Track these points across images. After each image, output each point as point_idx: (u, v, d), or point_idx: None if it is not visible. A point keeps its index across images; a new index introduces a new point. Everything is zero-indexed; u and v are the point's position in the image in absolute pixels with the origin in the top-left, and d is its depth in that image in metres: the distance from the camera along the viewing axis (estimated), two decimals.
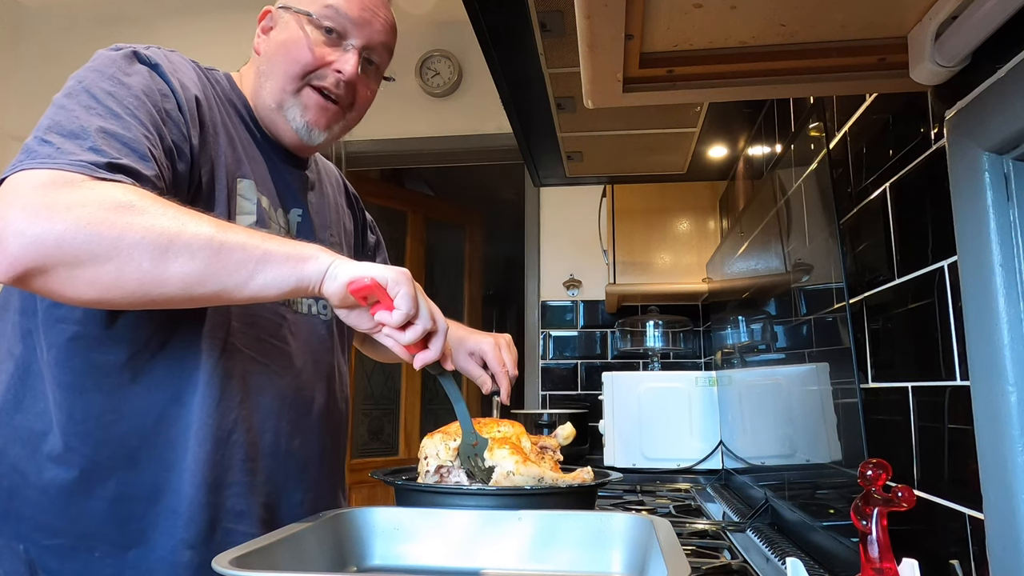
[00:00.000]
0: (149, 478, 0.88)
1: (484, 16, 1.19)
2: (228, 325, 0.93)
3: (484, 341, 1.18)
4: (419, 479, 0.96)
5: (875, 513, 0.61)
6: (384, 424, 3.76)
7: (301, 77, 0.98)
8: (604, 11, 0.64)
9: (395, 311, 0.80)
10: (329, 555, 0.75)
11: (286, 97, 0.99)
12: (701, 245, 2.55)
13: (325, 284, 0.79)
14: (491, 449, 0.90)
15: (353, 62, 0.99)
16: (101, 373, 0.87)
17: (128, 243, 0.72)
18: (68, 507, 0.86)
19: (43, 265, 0.71)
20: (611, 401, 2.30)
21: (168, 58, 0.93)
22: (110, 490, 0.86)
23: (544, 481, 0.88)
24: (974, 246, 0.66)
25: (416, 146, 3.18)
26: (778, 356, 1.40)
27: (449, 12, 3.11)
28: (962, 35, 0.65)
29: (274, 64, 0.99)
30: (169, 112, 0.88)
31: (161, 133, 0.86)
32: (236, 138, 0.99)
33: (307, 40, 0.98)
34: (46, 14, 3.37)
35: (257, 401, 0.96)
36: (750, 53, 0.76)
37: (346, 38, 0.99)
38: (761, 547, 1.21)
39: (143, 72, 0.88)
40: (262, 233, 0.82)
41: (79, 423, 0.86)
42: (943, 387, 0.76)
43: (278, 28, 1.01)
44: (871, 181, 0.94)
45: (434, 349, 0.85)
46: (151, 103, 0.86)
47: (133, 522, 0.87)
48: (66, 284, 0.73)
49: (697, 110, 1.59)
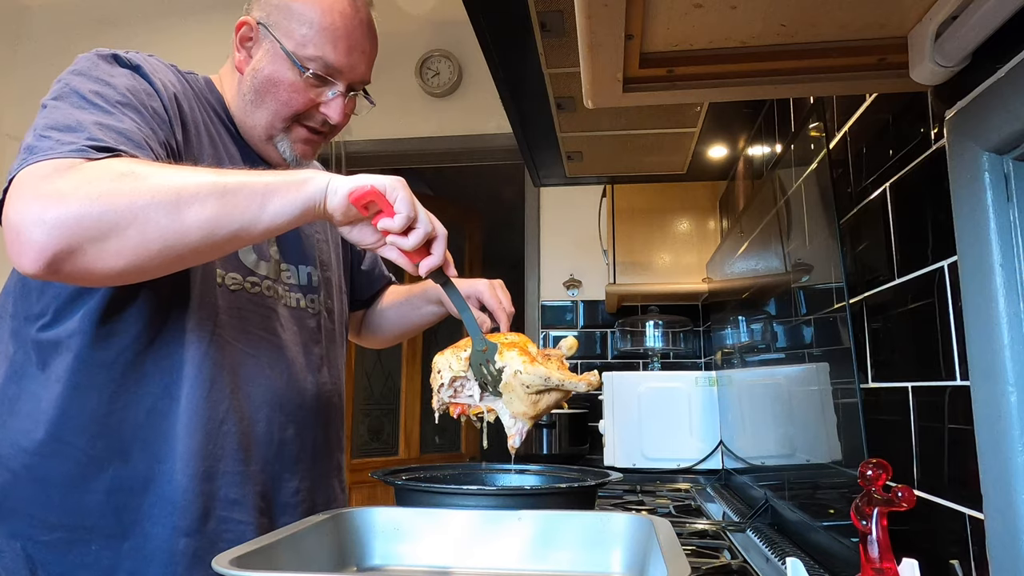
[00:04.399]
0: (142, 470, 0.90)
1: (484, 16, 1.19)
2: (216, 318, 0.95)
3: (478, 283, 1.20)
4: (434, 397, 0.98)
5: (875, 513, 0.61)
6: (384, 424, 3.76)
7: (290, 118, 1.02)
8: (604, 11, 0.64)
9: (396, 215, 0.82)
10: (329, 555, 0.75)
11: (276, 132, 1.03)
12: (701, 245, 2.55)
13: (328, 200, 0.81)
14: (500, 352, 0.92)
15: (340, 110, 1.03)
16: (94, 370, 0.89)
17: (141, 205, 0.74)
18: (64, 502, 0.88)
19: (69, 246, 0.73)
20: (611, 401, 2.30)
21: (147, 61, 0.96)
22: (104, 483, 0.88)
23: (551, 380, 0.91)
24: (974, 246, 0.66)
25: (416, 146, 3.18)
26: (778, 356, 1.40)
27: (449, 12, 3.11)
28: (962, 35, 0.65)
29: (263, 99, 1.01)
30: (155, 110, 0.90)
31: (153, 128, 0.88)
32: (217, 139, 1.02)
33: (297, 85, 1.00)
34: (46, 14, 3.37)
35: (248, 391, 0.98)
36: (750, 53, 0.76)
37: (332, 83, 1.02)
38: (761, 547, 1.21)
39: (126, 73, 0.91)
40: (257, 171, 0.84)
41: (73, 419, 0.88)
42: (943, 387, 0.76)
43: (262, 54, 1.01)
44: (871, 181, 0.94)
45: (437, 254, 0.87)
46: (138, 101, 0.88)
47: (128, 513, 0.89)
48: (96, 260, 0.75)
49: (697, 110, 1.59)
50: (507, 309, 1.18)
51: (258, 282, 1.02)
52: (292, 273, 1.08)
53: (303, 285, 1.10)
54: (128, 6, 3.31)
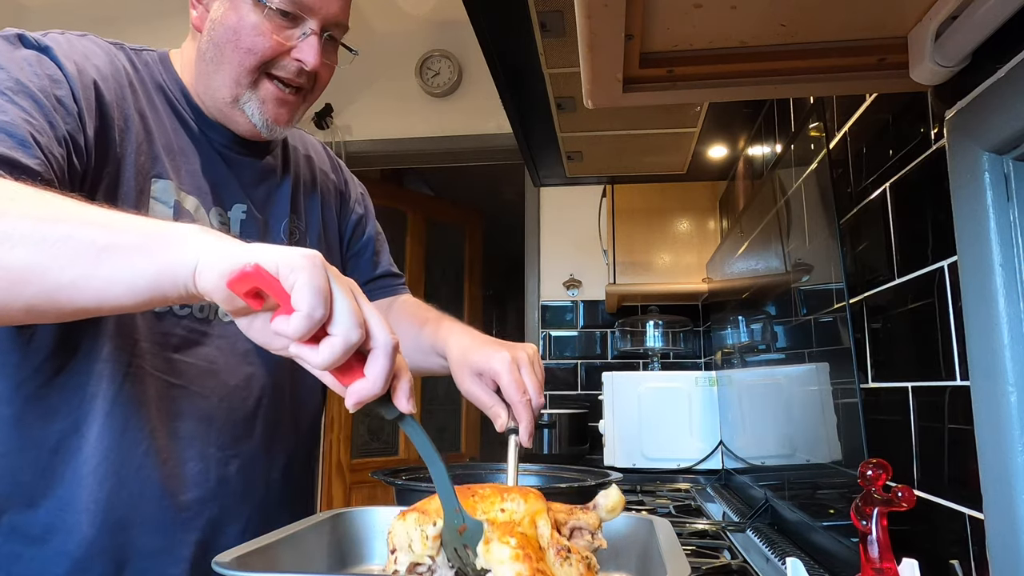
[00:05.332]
0: (43, 517, 0.79)
1: (484, 16, 1.19)
2: (135, 347, 0.83)
3: (496, 357, 0.87)
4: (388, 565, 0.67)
5: (875, 513, 0.61)
6: (384, 424, 3.76)
7: (257, 68, 0.87)
8: (604, 11, 0.64)
9: (293, 313, 0.53)
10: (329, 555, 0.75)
11: (241, 91, 0.88)
12: (701, 245, 2.56)
13: (199, 278, 0.55)
14: (487, 541, 0.58)
15: (315, 50, 0.87)
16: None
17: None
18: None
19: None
20: (611, 401, 2.30)
21: (69, 41, 0.83)
22: (3, 526, 0.80)
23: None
24: (974, 246, 0.66)
25: (416, 146, 3.18)
26: (778, 356, 1.40)
27: (449, 12, 3.11)
28: (962, 35, 0.65)
29: (224, 53, 0.87)
30: (60, 99, 0.76)
31: (51, 120, 0.74)
32: (155, 130, 0.88)
33: (262, 26, 0.85)
34: (46, 14, 3.37)
35: (175, 428, 0.86)
36: (750, 53, 0.76)
37: (302, 20, 0.87)
38: (761, 547, 1.21)
39: (29, 56, 0.78)
40: (142, 219, 0.61)
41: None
42: (943, 387, 0.76)
43: (220, 4, 0.88)
44: (871, 181, 0.94)
45: (371, 377, 0.57)
46: (36, 88, 0.75)
47: (20, 565, 0.79)
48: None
49: (697, 110, 1.59)
50: (534, 401, 0.86)
51: (188, 305, 0.87)
52: None
53: None
54: (125, 6, 3.31)
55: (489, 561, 0.57)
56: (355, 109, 3.23)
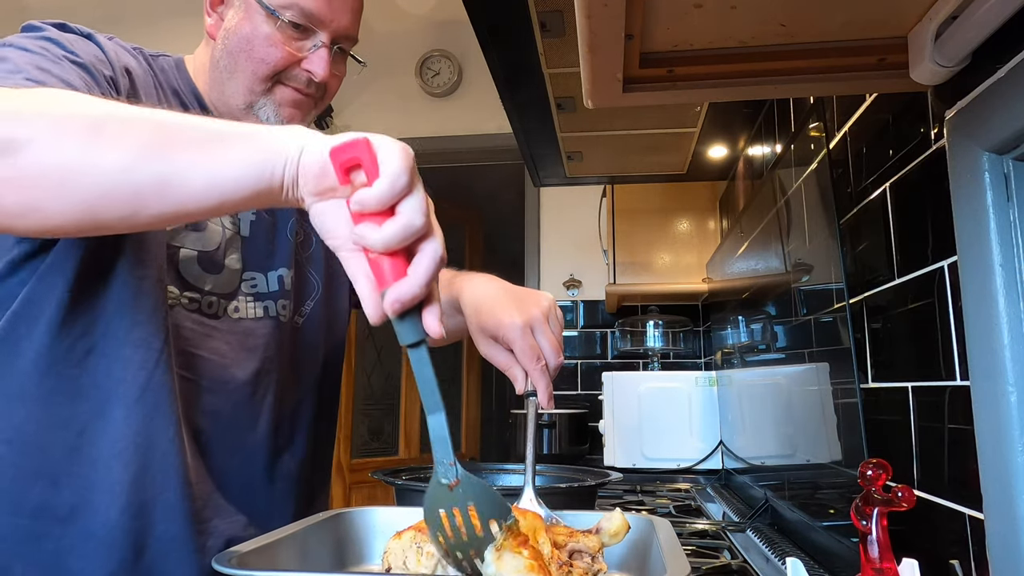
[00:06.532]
0: (68, 497, 0.81)
1: (484, 16, 1.19)
2: (166, 336, 0.86)
3: (507, 324, 0.84)
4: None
5: (875, 513, 0.61)
6: (384, 424, 3.76)
7: (270, 78, 0.91)
8: (604, 11, 0.64)
9: (376, 181, 0.54)
10: (329, 555, 0.75)
11: (255, 99, 0.92)
12: (701, 245, 2.56)
13: (303, 157, 0.58)
14: (499, 548, 0.54)
15: (325, 62, 0.91)
16: (23, 380, 0.81)
17: (50, 120, 0.59)
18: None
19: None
20: (611, 401, 2.30)
21: (99, 35, 0.88)
22: (31, 504, 0.81)
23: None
24: (974, 246, 0.66)
25: (416, 146, 3.07)
26: (778, 356, 1.40)
27: (449, 12, 3.11)
28: (962, 35, 0.65)
29: (237, 61, 0.91)
30: (106, 77, 0.82)
31: (104, 91, 0.79)
32: None
33: (274, 37, 0.89)
34: (49, 14, 3.36)
35: (187, 418, 0.88)
36: (750, 53, 0.76)
37: (314, 32, 0.91)
38: (761, 547, 1.21)
39: (78, 38, 0.83)
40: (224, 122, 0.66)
41: (2, 431, 0.81)
42: (943, 387, 0.76)
43: (233, 12, 0.92)
44: (871, 181, 0.94)
45: (415, 275, 0.55)
46: (87, 62, 0.79)
47: (49, 542, 0.81)
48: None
49: (697, 110, 1.59)
50: (551, 363, 0.84)
51: (197, 299, 0.91)
52: (259, 280, 0.97)
53: (272, 292, 0.98)
54: (128, 5, 3.31)
55: (501, 569, 0.54)
56: (355, 109, 3.23)
